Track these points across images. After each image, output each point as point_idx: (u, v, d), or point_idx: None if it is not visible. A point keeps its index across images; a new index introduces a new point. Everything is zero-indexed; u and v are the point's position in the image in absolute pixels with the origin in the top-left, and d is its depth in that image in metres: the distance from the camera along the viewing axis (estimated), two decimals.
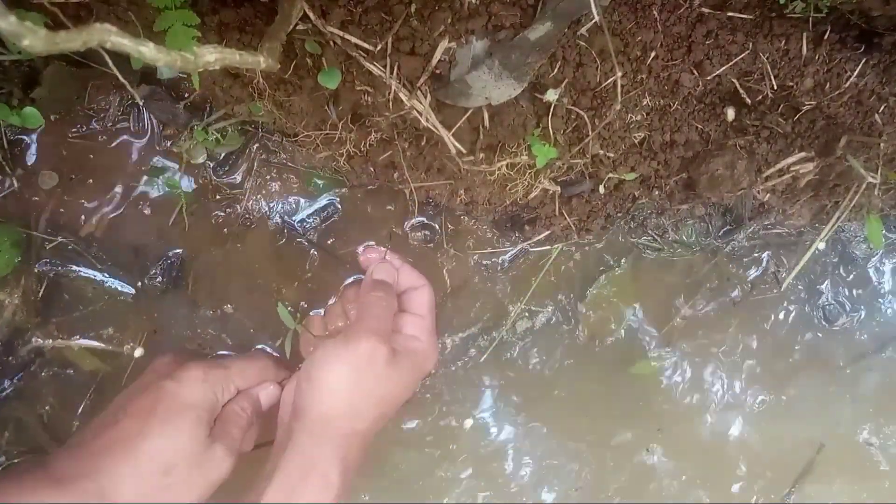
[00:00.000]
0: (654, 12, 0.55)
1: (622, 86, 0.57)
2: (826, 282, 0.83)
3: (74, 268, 0.70)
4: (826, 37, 0.57)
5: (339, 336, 0.59)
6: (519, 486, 0.82)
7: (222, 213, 0.72)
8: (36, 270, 0.69)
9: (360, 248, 0.72)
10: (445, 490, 0.81)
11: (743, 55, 0.57)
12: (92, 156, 0.69)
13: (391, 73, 0.53)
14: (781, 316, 0.83)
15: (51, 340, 0.71)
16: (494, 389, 0.81)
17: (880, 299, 0.84)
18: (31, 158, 0.68)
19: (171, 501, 0.56)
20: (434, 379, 0.79)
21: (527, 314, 0.79)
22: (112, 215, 0.71)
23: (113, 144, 0.69)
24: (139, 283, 0.71)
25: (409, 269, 0.68)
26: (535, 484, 0.82)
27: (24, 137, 0.68)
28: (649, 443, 0.83)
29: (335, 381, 0.57)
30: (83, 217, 0.70)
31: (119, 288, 0.71)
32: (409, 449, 0.80)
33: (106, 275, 0.71)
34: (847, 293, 0.84)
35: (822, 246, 0.79)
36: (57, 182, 0.68)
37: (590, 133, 0.61)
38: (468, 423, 0.80)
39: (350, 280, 0.74)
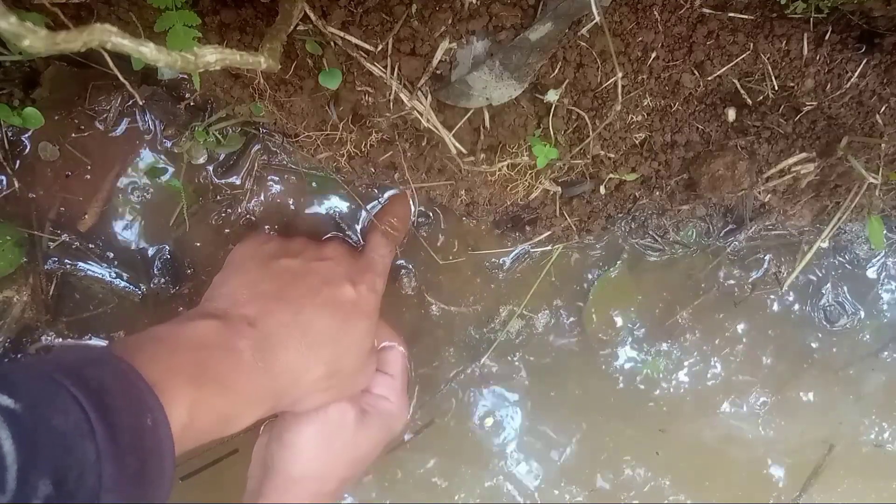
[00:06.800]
0: (655, 13, 0.55)
1: (623, 86, 0.57)
2: (827, 282, 0.83)
3: (82, 266, 0.70)
4: (827, 37, 0.56)
5: None
6: (532, 487, 0.82)
7: (223, 214, 0.72)
8: (46, 269, 0.69)
9: None
10: (459, 489, 0.81)
11: (744, 56, 0.57)
12: (92, 156, 0.69)
13: (392, 73, 0.53)
14: (783, 317, 0.83)
15: (60, 339, 0.71)
16: (499, 390, 0.81)
17: (881, 300, 0.84)
18: (30, 157, 0.68)
19: (318, 402, 0.55)
20: (448, 381, 0.79)
21: (528, 315, 0.79)
22: (112, 214, 0.71)
23: (113, 145, 0.69)
24: (150, 285, 0.71)
25: (384, 328, 0.67)
26: (548, 485, 0.82)
27: (25, 138, 0.68)
28: (652, 443, 0.83)
29: (304, 444, 0.57)
30: (83, 215, 0.70)
31: (127, 288, 0.71)
32: (424, 452, 0.80)
33: (113, 275, 0.71)
34: (848, 294, 0.84)
35: (823, 246, 0.79)
36: (58, 155, 0.68)
37: (590, 133, 0.61)
38: (488, 421, 0.81)
39: None
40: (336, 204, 0.74)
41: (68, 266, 0.70)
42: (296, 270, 0.56)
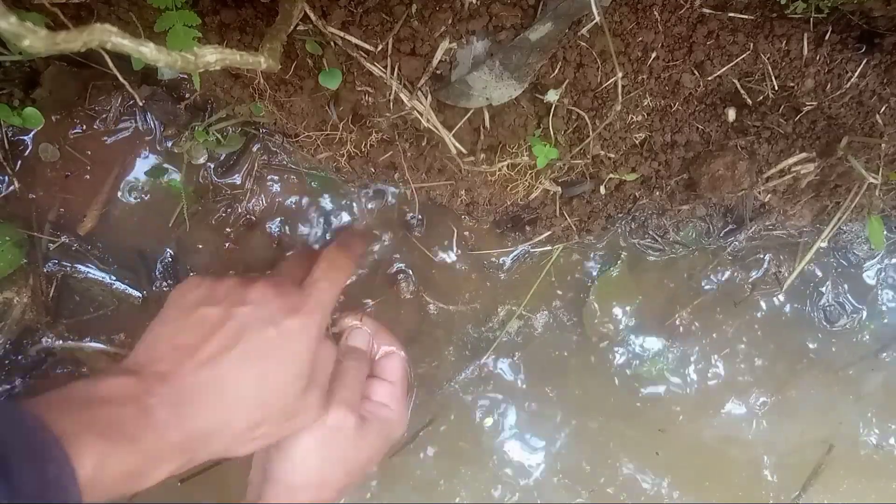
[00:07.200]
0: (655, 13, 0.55)
1: (623, 86, 0.57)
2: (827, 283, 0.83)
3: (81, 268, 0.70)
4: (827, 37, 0.56)
5: None
6: (531, 487, 0.82)
7: (223, 214, 0.72)
8: (45, 271, 0.69)
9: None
10: (459, 490, 0.81)
11: (744, 56, 0.57)
12: (92, 156, 0.69)
13: (392, 73, 0.53)
14: (782, 317, 0.83)
15: (61, 341, 0.71)
16: (499, 390, 0.81)
17: (881, 300, 0.84)
18: (30, 157, 0.68)
19: (249, 451, 0.55)
20: (449, 381, 0.79)
21: (528, 315, 0.79)
22: (112, 215, 0.71)
23: (113, 145, 0.69)
24: (151, 288, 0.71)
25: (384, 334, 0.67)
26: (547, 484, 0.82)
27: (25, 138, 0.68)
28: (652, 443, 0.83)
29: (303, 452, 0.57)
30: (83, 217, 0.70)
31: (127, 291, 0.71)
32: (423, 452, 0.80)
33: (113, 277, 0.71)
34: (848, 294, 0.84)
35: (823, 246, 0.79)
36: (59, 156, 0.68)
37: (590, 133, 0.61)
38: (488, 421, 0.81)
39: None
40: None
41: (68, 268, 0.70)
42: (215, 319, 0.55)
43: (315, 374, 0.58)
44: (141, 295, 0.72)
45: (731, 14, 0.56)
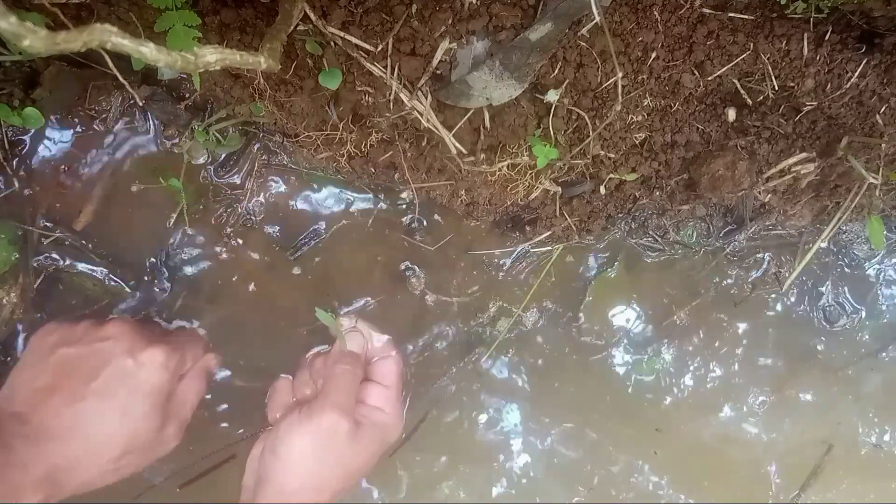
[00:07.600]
0: (655, 13, 0.55)
1: (623, 86, 0.57)
2: (827, 283, 0.83)
3: (75, 262, 0.70)
4: (827, 37, 0.57)
5: (304, 409, 0.60)
6: (529, 486, 0.82)
7: (223, 214, 0.72)
8: (38, 265, 0.69)
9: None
10: (456, 490, 0.81)
11: (744, 56, 0.57)
12: (91, 155, 0.69)
13: (392, 73, 0.53)
14: (782, 317, 0.83)
15: None
16: (496, 388, 0.81)
17: (881, 300, 0.84)
18: (29, 156, 0.68)
19: (112, 480, 0.57)
20: (446, 377, 0.79)
21: (527, 315, 0.79)
22: (112, 216, 0.70)
23: (113, 145, 0.69)
24: (147, 285, 0.71)
25: (379, 337, 0.68)
26: (545, 484, 0.82)
27: (25, 138, 0.68)
28: (651, 443, 0.83)
29: (297, 456, 0.58)
30: (78, 213, 0.70)
31: (119, 287, 0.71)
32: (420, 451, 0.80)
33: (105, 272, 0.71)
34: (848, 294, 0.84)
35: (823, 246, 0.79)
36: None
37: (590, 134, 0.61)
38: (482, 417, 0.80)
39: (318, 349, 0.73)
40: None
41: (59, 262, 0.70)
42: (74, 357, 0.57)
43: (175, 405, 0.60)
44: (133, 292, 0.71)
45: (731, 14, 0.56)
